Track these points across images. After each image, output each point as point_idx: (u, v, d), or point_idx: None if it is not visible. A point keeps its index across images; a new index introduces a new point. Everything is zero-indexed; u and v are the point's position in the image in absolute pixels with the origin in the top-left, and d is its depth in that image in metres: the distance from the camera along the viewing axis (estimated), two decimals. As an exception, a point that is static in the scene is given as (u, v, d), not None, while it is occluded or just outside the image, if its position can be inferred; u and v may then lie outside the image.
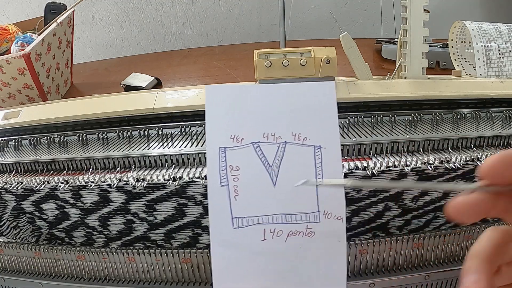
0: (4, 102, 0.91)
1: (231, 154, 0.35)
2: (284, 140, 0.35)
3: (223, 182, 0.35)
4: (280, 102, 0.36)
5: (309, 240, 0.35)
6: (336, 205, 0.34)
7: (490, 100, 0.52)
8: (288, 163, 0.35)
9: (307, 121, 0.35)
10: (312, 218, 0.35)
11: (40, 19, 1.03)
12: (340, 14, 1.48)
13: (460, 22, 0.63)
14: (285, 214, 0.35)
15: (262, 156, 0.35)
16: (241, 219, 0.34)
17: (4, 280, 0.48)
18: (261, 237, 0.34)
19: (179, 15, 1.44)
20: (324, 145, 0.35)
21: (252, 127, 0.35)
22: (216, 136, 0.35)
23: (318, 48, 0.50)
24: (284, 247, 0.34)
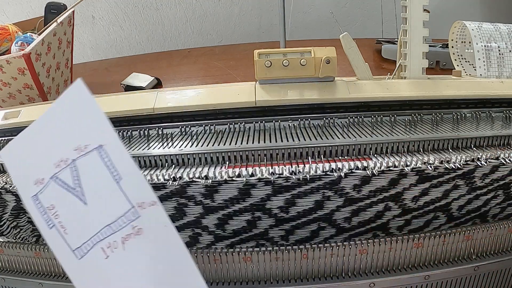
0: (4, 102, 0.91)
1: (42, 198, 0.36)
2: (71, 159, 0.36)
3: (50, 224, 0.36)
4: (50, 128, 0.37)
5: (142, 237, 0.35)
6: (144, 192, 0.34)
7: (490, 100, 0.52)
8: (86, 176, 0.36)
9: (79, 129, 0.36)
10: (132, 215, 0.35)
11: (40, 19, 1.03)
12: (340, 14, 1.48)
13: (460, 22, 0.63)
14: (109, 225, 0.35)
15: (63, 184, 0.36)
16: (80, 248, 0.35)
17: (4, 280, 0.48)
18: (103, 256, 0.35)
19: (179, 15, 1.44)
20: (104, 142, 0.35)
21: (45, 164, 0.36)
22: (25, 188, 0.37)
23: (318, 48, 0.50)
24: (127, 255, 0.35)
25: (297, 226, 0.51)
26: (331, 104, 0.51)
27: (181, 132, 0.50)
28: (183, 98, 0.51)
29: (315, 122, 0.50)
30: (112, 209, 0.35)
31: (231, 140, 0.47)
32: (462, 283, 0.46)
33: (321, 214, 0.50)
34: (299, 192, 0.47)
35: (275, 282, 0.44)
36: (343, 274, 0.44)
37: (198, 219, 0.49)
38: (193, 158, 0.45)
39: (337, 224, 0.51)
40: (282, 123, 0.51)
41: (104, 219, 0.35)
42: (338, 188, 0.47)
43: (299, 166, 0.43)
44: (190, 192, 0.46)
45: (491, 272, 0.46)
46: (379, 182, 0.47)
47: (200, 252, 0.43)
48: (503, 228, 0.46)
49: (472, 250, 0.46)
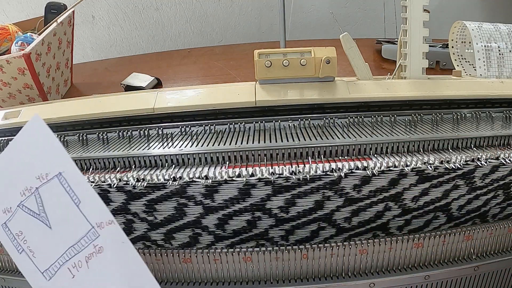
0: (4, 102, 0.91)
1: (11, 225, 0.39)
2: (35, 187, 0.39)
3: (19, 249, 0.39)
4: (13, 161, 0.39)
5: (103, 255, 0.38)
6: (100, 212, 0.37)
7: (490, 100, 0.52)
8: (49, 202, 0.38)
9: (39, 159, 0.38)
10: (92, 235, 0.38)
11: (40, 19, 1.03)
12: (340, 14, 1.48)
13: (460, 22, 0.63)
14: (73, 245, 0.38)
15: (29, 211, 0.39)
16: (48, 270, 0.38)
17: (4, 280, 0.48)
18: (70, 276, 0.38)
19: (179, 15, 1.44)
20: (62, 170, 0.38)
21: (10, 193, 0.39)
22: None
23: (318, 48, 0.50)
24: (91, 273, 0.38)
25: (297, 226, 0.51)
26: (331, 104, 0.51)
27: (181, 132, 0.50)
28: (183, 98, 0.51)
29: (315, 122, 0.50)
30: (75, 231, 0.38)
31: (231, 140, 0.47)
32: (462, 283, 0.46)
33: (321, 214, 0.50)
34: (299, 192, 0.47)
35: (275, 282, 0.44)
36: (343, 274, 0.44)
37: (198, 219, 0.49)
38: (193, 158, 0.45)
39: (337, 224, 0.51)
40: (282, 123, 0.51)
41: (68, 240, 0.38)
42: (338, 188, 0.47)
43: (299, 166, 0.43)
44: (190, 192, 0.46)
45: (491, 272, 0.46)
46: (379, 182, 0.47)
47: (200, 252, 0.43)
48: (503, 228, 0.46)
49: (472, 250, 0.46)
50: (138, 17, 1.43)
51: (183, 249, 0.44)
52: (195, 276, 0.44)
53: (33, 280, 0.39)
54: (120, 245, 0.38)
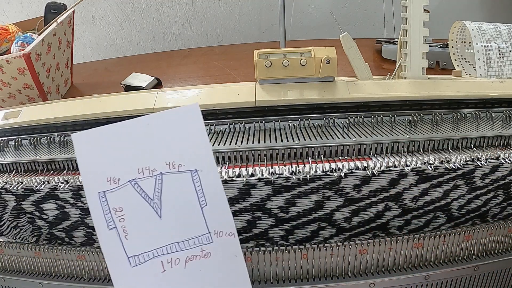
0: (4, 102, 0.91)
1: (111, 197, 0.35)
2: (159, 172, 0.35)
3: (110, 225, 0.35)
4: (147, 134, 0.36)
5: (207, 261, 0.35)
6: (225, 222, 0.35)
7: (490, 100, 0.52)
8: (168, 192, 0.35)
9: (179, 148, 0.36)
10: (204, 240, 0.36)
11: (40, 19, 1.03)
12: (340, 14, 1.48)
13: (460, 22, 0.63)
14: (178, 242, 0.35)
15: (142, 191, 0.35)
16: (137, 256, 0.35)
17: (4, 280, 0.48)
18: (160, 269, 0.35)
19: (179, 15, 1.44)
20: (200, 168, 0.36)
21: (126, 166, 0.35)
22: (92, 181, 0.35)
23: (318, 48, 0.50)
24: (185, 274, 0.35)
25: (297, 226, 0.51)
26: (331, 104, 0.51)
27: (181, 132, 0.50)
28: (183, 98, 0.51)
29: (315, 122, 0.50)
30: (187, 230, 0.35)
31: (231, 140, 0.47)
32: (462, 283, 0.46)
33: (321, 214, 0.50)
34: (299, 192, 0.47)
35: (275, 282, 0.44)
36: (343, 274, 0.44)
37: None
38: (193, 158, 0.45)
39: (337, 224, 0.51)
40: (282, 123, 0.51)
41: (175, 236, 0.35)
42: (338, 188, 0.47)
43: (299, 166, 0.43)
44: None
45: (491, 272, 0.46)
46: (379, 182, 0.47)
47: (200, 252, 0.43)
48: (503, 228, 0.46)
49: (472, 250, 0.46)
50: (138, 17, 1.43)
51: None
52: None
53: (114, 262, 0.35)
54: (231, 257, 0.36)
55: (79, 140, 0.36)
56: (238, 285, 0.36)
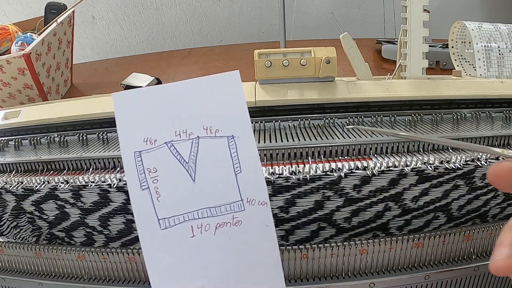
0: (4, 102, 0.91)
1: (146, 157, 0.35)
2: (196, 135, 0.35)
3: (143, 186, 0.35)
4: (187, 98, 0.36)
5: (237, 229, 0.35)
6: (258, 190, 0.34)
7: (490, 100, 0.52)
8: (204, 157, 0.35)
9: (217, 113, 0.36)
10: (236, 207, 0.35)
11: (40, 19, 1.03)
12: (340, 14, 1.48)
13: (460, 22, 0.63)
14: (210, 208, 0.35)
15: (177, 154, 0.35)
16: (167, 219, 0.35)
17: (4, 280, 0.48)
18: (189, 234, 0.35)
19: (179, 15, 1.44)
20: (236, 134, 0.35)
21: (163, 128, 0.35)
22: (129, 141, 0.35)
23: (318, 48, 0.50)
24: (215, 240, 0.35)
25: (297, 226, 0.51)
26: (331, 104, 0.51)
27: (181, 132, 0.50)
28: (183, 98, 0.51)
29: (315, 122, 0.50)
30: (219, 195, 0.35)
31: (231, 140, 0.47)
32: (462, 283, 0.46)
33: (321, 214, 0.50)
34: (299, 192, 0.47)
35: (275, 282, 0.44)
36: (343, 274, 0.44)
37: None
38: (193, 158, 0.45)
39: (337, 224, 0.51)
40: (282, 123, 0.51)
41: (207, 201, 0.35)
42: (338, 188, 0.47)
43: (299, 166, 0.43)
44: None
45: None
46: (379, 182, 0.47)
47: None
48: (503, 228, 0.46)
49: (472, 250, 0.46)
50: (138, 17, 1.44)
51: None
52: (195, 276, 0.44)
53: (144, 222, 0.35)
54: (263, 227, 0.35)
55: (118, 100, 0.36)
56: (267, 255, 0.35)
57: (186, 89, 0.36)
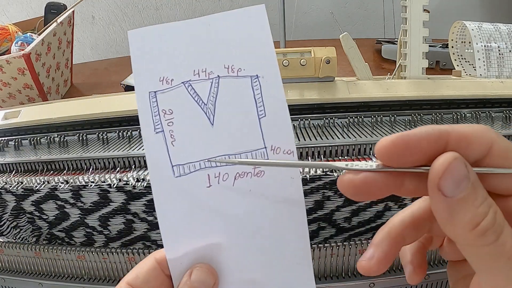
0: (4, 102, 0.91)
1: (162, 98, 0.32)
2: (216, 75, 0.32)
3: (157, 128, 0.32)
4: (207, 34, 0.33)
5: (259, 181, 0.31)
6: (284, 137, 0.31)
7: (490, 100, 0.52)
8: (224, 98, 0.32)
9: (240, 51, 0.32)
10: (259, 155, 0.31)
11: (40, 19, 1.04)
12: (340, 14, 1.48)
13: (460, 22, 0.63)
14: (229, 155, 0.31)
15: (195, 95, 0.32)
16: (182, 166, 0.31)
17: (4, 280, 0.48)
18: (206, 184, 0.31)
19: (179, 15, 1.44)
20: (261, 74, 0.32)
21: (181, 66, 0.32)
22: (144, 80, 0.32)
23: (318, 48, 0.50)
24: (233, 192, 0.31)
25: (297, 226, 0.51)
26: (331, 104, 0.51)
27: (181, 132, 0.50)
28: (183, 98, 0.51)
29: (315, 122, 0.50)
30: (240, 142, 0.31)
31: (231, 140, 0.47)
32: (462, 283, 0.46)
33: (321, 214, 0.50)
34: (299, 192, 0.47)
35: (275, 282, 0.44)
36: (343, 274, 0.44)
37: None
38: (193, 158, 0.45)
39: (337, 224, 0.51)
40: (282, 123, 0.51)
41: (226, 147, 0.31)
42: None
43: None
44: (190, 192, 0.46)
45: (491, 272, 0.46)
46: (379, 182, 0.47)
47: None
48: (503, 228, 0.46)
49: (472, 250, 0.46)
50: (138, 17, 1.44)
51: (183, 249, 0.44)
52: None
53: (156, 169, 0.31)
54: (287, 179, 0.31)
55: (134, 37, 0.33)
56: (292, 210, 0.31)
57: (206, 25, 0.33)
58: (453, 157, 0.21)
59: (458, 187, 0.21)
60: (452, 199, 0.21)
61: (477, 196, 0.21)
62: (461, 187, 0.21)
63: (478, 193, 0.21)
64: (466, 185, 0.21)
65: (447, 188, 0.21)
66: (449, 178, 0.21)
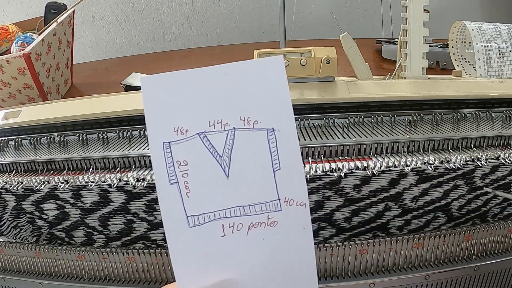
0: (4, 102, 0.91)
1: (176, 148, 0.32)
2: (232, 126, 0.32)
3: (172, 179, 0.32)
4: (223, 84, 0.33)
5: (272, 230, 0.32)
6: (297, 190, 0.32)
7: (490, 100, 0.52)
8: (239, 150, 0.32)
9: (256, 103, 0.32)
10: (272, 207, 0.32)
11: (40, 19, 1.03)
12: (340, 14, 1.48)
13: (460, 22, 0.63)
14: (243, 206, 0.32)
15: (211, 146, 0.32)
16: (197, 216, 0.32)
17: (4, 280, 0.48)
18: (220, 234, 0.32)
19: (179, 15, 1.44)
20: (277, 127, 0.32)
21: (196, 116, 0.32)
22: (158, 130, 0.32)
23: (318, 48, 0.50)
24: (247, 241, 0.32)
25: (297, 226, 0.51)
26: (331, 104, 0.51)
27: (181, 132, 0.50)
28: (183, 98, 0.51)
29: (315, 122, 0.50)
30: (255, 194, 0.32)
31: (231, 140, 0.47)
32: (462, 283, 0.46)
33: (321, 214, 0.50)
34: (299, 192, 0.47)
35: (275, 282, 0.44)
36: (343, 274, 0.44)
37: (198, 219, 0.49)
38: (193, 158, 0.45)
39: (337, 224, 0.51)
40: (282, 123, 0.51)
41: (240, 199, 0.32)
42: (338, 188, 0.47)
43: (299, 166, 0.43)
44: (190, 192, 0.46)
45: (491, 272, 0.46)
46: (379, 182, 0.47)
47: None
48: (503, 228, 0.46)
49: (472, 250, 0.46)
50: (138, 17, 1.44)
51: (183, 249, 0.44)
52: (195, 276, 0.44)
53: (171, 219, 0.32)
54: (299, 229, 0.32)
55: (147, 84, 0.33)
56: (303, 259, 0.32)
57: (222, 74, 0.33)
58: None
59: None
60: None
61: None
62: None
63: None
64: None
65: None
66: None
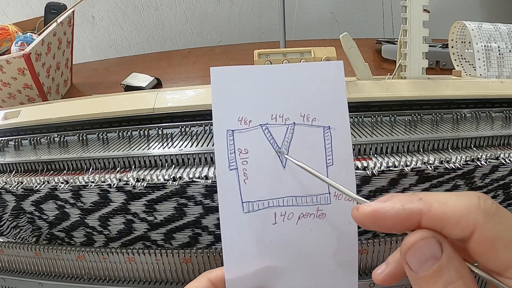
0: (4, 102, 0.91)
1: (239, 137, 0.34)
2: (292, 121, 0.34)
3: (231, 166, 0.34)
4: (287, 82, 0.35)
5: (320, 222, 0.34)
6: (347, 185, 0.33)
7: (490, 100, 0.52)
8: (297, 144, 0.34)
9: (316, 102, 0.35)
10: (322, 199, 0.34)
11: (40, 19, 1.04)
12: (340, 14, 1.48)
13: (460, 22, 0.63)
14: (295, 197, 0.34)
15: (271, 138, 0.34)
16: (251, 203, 0.34)
17: (4, 280, 0.48)
18: (272, 221, 0.34)
19: (179, 15, 1.44)
20: (333, 126, 0.34)
21: (260, 109, 0.34)
22: (223, 118, 0.34)
23: (318, 48, 0.50)
24: (296, 230, 0.34)
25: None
26: (331, 104, 0.51)
27: (181, 132, 0.50)
28: (183, 98, 0.51)
29: (315, 122, 0.50)
30: (307, 185, 0.34)
31: (231, 140, 0.47)
32: (462, 283, 0.46)
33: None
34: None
35: (275, 282, 0.44)
36: (343, 274, 0.44)
37: (198, 219, 0.49)
38: (193, 158, 0.45)
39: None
40: (282, 123, 0.51)
41: (294, 189, 0.34)
42: (338, 188, 0.47)
43: (299, 166, 0.43)
44: (190, 192, 0.46)
45: (491, 272, 0.46)
46: (379, 182, 0.47)
47: (200, 252, 0.43)
48: (503, 228, 0.46)
49: (472, 250, 0.46)
50: (138, 17, 1.44)
51: (183, 249, 0.44)
52: (195, 276, 0.44)
53: (227, 203, 0.33)
54: (346, 223, 0.34)
55: (217, 75, 0.35)
56: (346, 252, 0.34)
57: (287, 73, 0.35)
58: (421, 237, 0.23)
59: (422, 266, 0.22)
60: (415, 275, 0.23)
61: (439, 279, 0.22)
62: (425, 266, 0.22)
63: (443, 276, 0.22)
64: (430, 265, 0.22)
65: (412, 265, 0.23)
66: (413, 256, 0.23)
